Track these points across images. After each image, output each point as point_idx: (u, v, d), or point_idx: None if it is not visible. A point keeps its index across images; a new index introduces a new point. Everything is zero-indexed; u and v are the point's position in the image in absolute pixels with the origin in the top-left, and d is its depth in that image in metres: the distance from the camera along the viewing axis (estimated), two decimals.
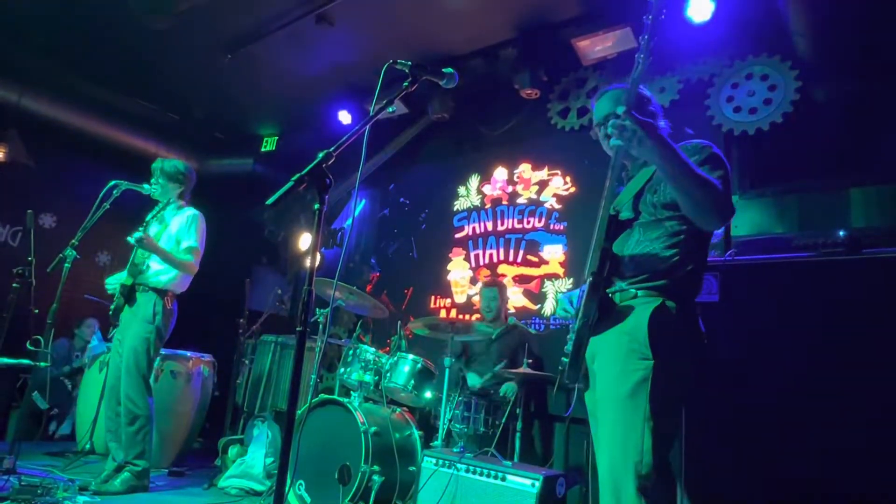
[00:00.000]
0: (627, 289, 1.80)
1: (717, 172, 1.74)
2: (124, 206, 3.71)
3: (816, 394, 2.35)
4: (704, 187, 1.66)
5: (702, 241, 1.83)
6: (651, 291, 1.76)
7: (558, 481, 2.79)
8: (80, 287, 5.47)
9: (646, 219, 1.84)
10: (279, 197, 1.45)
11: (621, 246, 1.86)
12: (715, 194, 1.67)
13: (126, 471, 3.32)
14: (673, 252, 1.78)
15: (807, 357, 2.40)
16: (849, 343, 2.33)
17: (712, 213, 1.70)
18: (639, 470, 1.59)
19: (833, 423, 2.29)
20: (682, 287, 1.78)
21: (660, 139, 1.64)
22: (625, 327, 1.74)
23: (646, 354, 1.67)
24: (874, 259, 2.35)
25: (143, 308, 3.47)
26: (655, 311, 1.70)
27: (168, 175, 3.70)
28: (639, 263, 1.80)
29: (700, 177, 1.66)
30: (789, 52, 3.66)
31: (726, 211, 1.72)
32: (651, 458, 1.59)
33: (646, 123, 1.62)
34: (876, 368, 2.26)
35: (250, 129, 6.53)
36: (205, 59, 5.15)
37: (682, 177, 1.65)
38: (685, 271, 1.78)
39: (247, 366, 4.85)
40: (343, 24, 4.57)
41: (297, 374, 1.43)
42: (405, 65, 1.85)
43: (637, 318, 1.72)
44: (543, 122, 4.98)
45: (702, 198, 1.67)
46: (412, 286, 5.57)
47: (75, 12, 4.71)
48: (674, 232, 1.79)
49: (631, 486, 1.59)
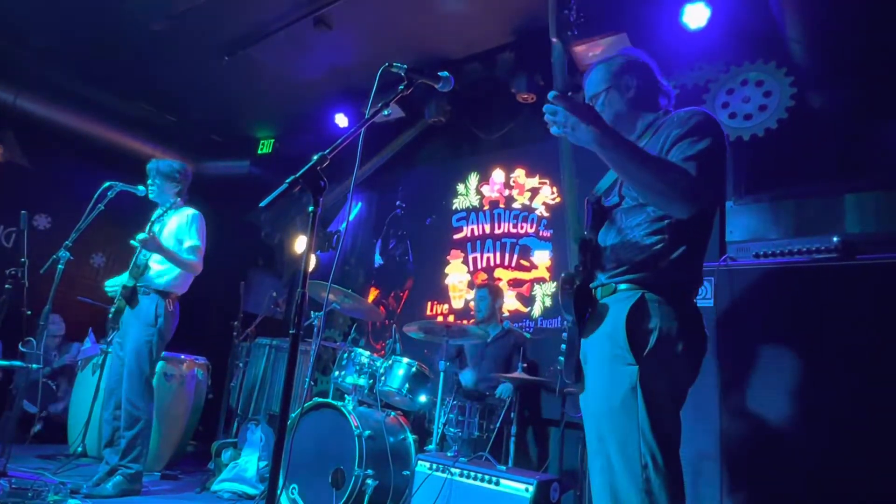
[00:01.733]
0: (608, 283, 1.63)
1: (701, 144, 1.54)
2: (119, 207, 3.70)
3: (811, 398, 2.35)
4: (658, 173, 1.49)
5: (693, 227, 1.59)
6: (631, 285, 1.58)
7: (552, 486, 2.78)
8: (74, 289, 5.44)
9: (628, 203, 1.66)
10: (273, 199, 1.45)
11: (604, 236, 1.70)
12: (675, 177, 1.48)
13: (118, 474, 3.29)
14: (656, 239, 1.57)
15: (801, 361, 2.41)
16: (843, 347, 2.33)
17: (673, 199, 1.49)
18: (641, 486, 1.45)
19: (828, 428, 2.30)
20: (668, 278, 1.57)
21: (596, 125, 1.48)
22: (605, 329, 1.58)
23: (629, 360, 1.50)
24: (869, 265, 2.36)
25: (146, 310, 3.45)
26: (632, 309, 1.53)
27: (164, 175, 3.69)
28: (619, 254, 1.62)
29: (652, 162, 1.50)
30: (784, 59, 3.68)
31: (700, 195, 1.50)
32: (654, 472, 1.45)
33: (579, 108, 1.50)
34: (870, 372, 2.27)
35: (247, 131, 6.52)
36: (202, 61, 5.14)
37: (628, 164, 1.50)
38: (671, 259, 1.57)
39: (241, 369, 4.82)
40: (341, 28, 4.57)
41: (290, 377, 1.43)
42: (401, 68, 1.84)
43: (614, 317, 1.56)
44: (540, 127, 4.97)
45: (655, 184, 1.49)
46: (407, 290, 5.57)
47: (72, 13, 4.70)
48: (656, 217, 1.58)
49: (634, 498, 1.46)
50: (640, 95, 1.82)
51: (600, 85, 1.86)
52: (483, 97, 5.24)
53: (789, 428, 2.37)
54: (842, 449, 2.25)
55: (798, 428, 2.36)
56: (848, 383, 2.29)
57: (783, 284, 2.53)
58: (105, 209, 3.55)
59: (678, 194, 1.49)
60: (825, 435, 2.30)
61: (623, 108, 1.82)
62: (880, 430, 2.20)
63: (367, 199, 6.32)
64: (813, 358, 2.38)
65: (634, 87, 1.82)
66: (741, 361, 2.53)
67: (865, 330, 2.30)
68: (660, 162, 1.54)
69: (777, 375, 2.44)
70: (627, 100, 1.82)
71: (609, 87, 1.84)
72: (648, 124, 1.80)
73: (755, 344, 2.53)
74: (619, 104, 1.82)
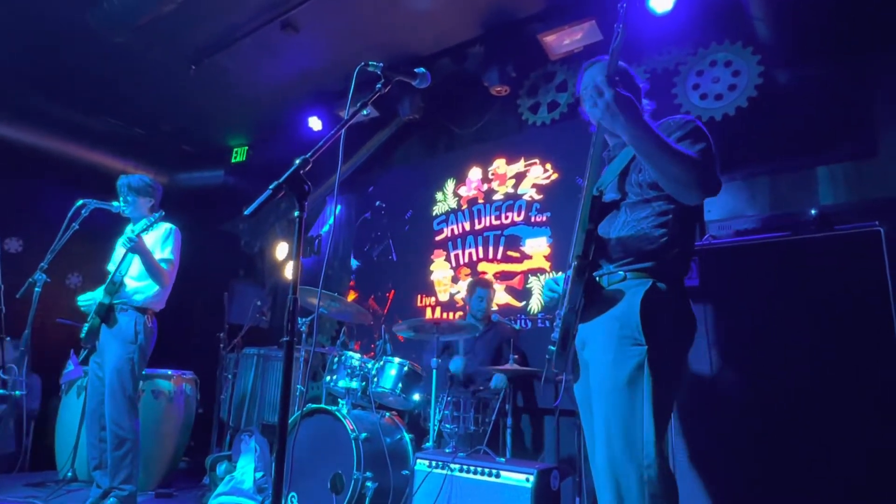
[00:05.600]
0: (616, 271, 1.75)
1: (700, 146, 1.70)
2: (94, 225, 3.61)
3: (796, 373, 2.40)
4: (682, 163, 1.61)
5: (690, 221, 1.78)
6: (640, 273, 1.71)
7: (552, 474, 2.80)
8: (53, 311, 5.32)
9: (632, 199, 1.79)
10: (258, 206, 1.43)
11: (607, 228, 1.80)
12: (695, 168, 1.62)
13: (112, 496, 3.23)
14: (662, 232, 1.73)
15: (789, 335, 2.45)
16: (829, 318, 2.38)
17: (693, 187, 1.63)
18: (641, 462, 1.53)
19: (813, 403, 2.34)
20: (671, 268, 1.73)
21: (634, 115, 1.59)
22: (615, 312, 1.68)
23: (638, 340, 1.61)
24: (846, 235, 2.41)
25: (125, 328, 3.37)
26: (647, 293, 1.65)
27: (137, 190, 3.62)
28: (626, 245, 1.75)
29: (676, 152, 1.61)
30: (750, 38, 3.74)
31: (710, 184, 1.65)
32: (654, 449, 1.53)
33: (622, 98, 1.57)
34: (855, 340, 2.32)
35: (219, 140, 6.42)
36: (169, 72, 5.05)
37: (657, 153, 1.61)
38: (674, 251, 1.73)
39: (230, 380, 4.77)
40: (308, 30, 4.53)
41: (286, 384, 1.41)
42: (377, 66, 1.83)
43: (627, 302, 1.67)
44: (514, 118, 5.00)
45: (679, 173, 1.62)
46: (394, 289, 5.55)
47: (33, 29, 4.58)
48: (661, 211, 1.74)
49: (634, 479, 1.53)
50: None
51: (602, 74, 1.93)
52: (456, 92, 5.23)
53: (777, 403, 2.42)
54: (829, 422, 2.30)
55: (786, 402, 2.40)
56: (836, 355, 2.34)
57: (766, 259, 2.57)
58: (79, 228, 3.47)
59: (695, 183, 1.63)
60: (812, 410, 2.34)
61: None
62: (869, 401, 2.25)
63: (346, 200, 6.28)
64: (801, 331, 2.42)
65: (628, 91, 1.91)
66: (730, 339, 2.57)
67: (849, 298, 2.35)
68: (683, 154, 1.64)
69: (766, 349, 2.48)
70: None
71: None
72: None
73: (742, 321, 2.57)
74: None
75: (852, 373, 2.29)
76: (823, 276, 2.42)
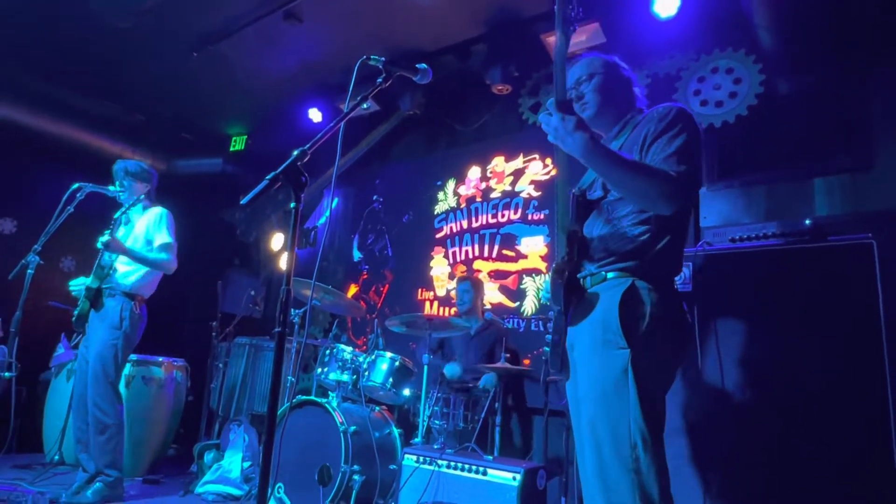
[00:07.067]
0: (597, 272, 1.70)
1: (679, 140, 1.64)
2: (89, 209, 3.60)
3: (789, 379, 2.41)
4: (641, 178, 1.57)
5: (676, 218, 1.67)
6: (622, 273, 1.66)
7: (539, 473, 2.81)
8: (45, 294, 5.29)
9: (613, 196, 1.73)
10: (254, 196, 1.43)
11: (591, 227, 1.77)
12: (657, 181, 1.56)
13: (98, 481, 3.23)
14: (642, 230, 1.66)
15: (780, 343, 2.47)
16: (821, 328, 2.40)
17: (658, 200, 1.58)
18: (631, 467, 1.51)
19: (804, 409, 2.36)
20: (654, 266, 1.66)
21: (582, 138, 1.55)
22: (596, 316, 1.65)
23: (620, 344, 1.57)
24: (840, 246, 2.43)
25: (111, 313, 3.37)
26: (625, 294, 1.60)
27: (134, 175, 3.62)
28: (607, 244, 1.70)
29: (635, 169, 1.58)
30: (753, 46, 3.75)
31: (676, 192, 1.57)
32: (644, 453, 1.51)
33: (569, 121, 1.56)
34: (844, 350, 2.34)
35: (219, 128, 6.40)
36: (170, 58, 5.03)
37: (614, 172, 1.57)
38: (657, 249, 1.66)
39: (221, 369, 4.77)
40: (311, 21, 4.51)
41: (277, 374, 1.41)
42: (378, 60, 1.83)
43: (606, 304, 1.63)
44: (515, 117, 5.00)
45: (638, 188, 1.57)
46: (389, 283, 5.56)
47: (35, 10, 4.55)
48: (642, 209, 1.67)
49: (626, 486, 1.50)
50: (618, 93, 1.93)
51: (586, 69, 1.95)
52: (457, 89, 5.23)
53: (768, 409, 2.44)
54: (819, 429, 2.32)
55: (776, 409, 2.42)
56: (826, 364, 2.35)
57: (760, 267, 2.59)
58: (74, 211, 3.46)
59: (661, 196, 1.57)
60: (802, 417, 2.36)
61: (603, 100, 1.90)
62: (856, 411, 2.27)
63: (344, 194, 6.27)
64: (792, 339, 2.44)
65: (615, 83, 1.93)
66: (722, 346, 2.59)
67: (841, 309, 2.37)
68: (642, 168, 1.61)
69: (758, 356, 2.50)
70: (608, 92, 1.91)
71: (594, 74, 1.93)
72: (626, 121, 1.89)
73: (735, 328, 2.59)
74: (602, 94, 1.90)
75: (840, 381, 2.31)
76: (816, 286, 2.44)
